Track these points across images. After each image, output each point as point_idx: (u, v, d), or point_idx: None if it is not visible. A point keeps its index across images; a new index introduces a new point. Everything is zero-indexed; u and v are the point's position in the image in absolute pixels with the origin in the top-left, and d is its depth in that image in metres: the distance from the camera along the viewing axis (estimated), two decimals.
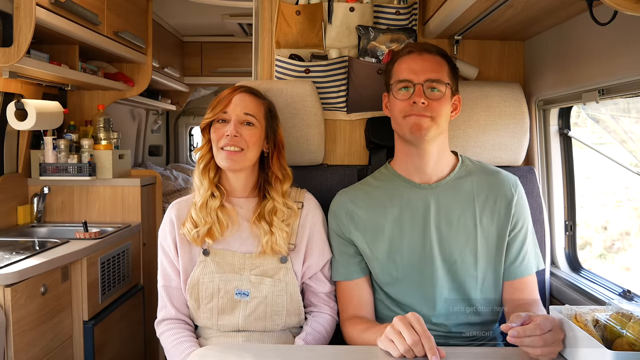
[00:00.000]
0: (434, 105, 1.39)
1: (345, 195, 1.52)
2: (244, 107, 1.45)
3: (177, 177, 4.60)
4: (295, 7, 1.86)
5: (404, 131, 1.42)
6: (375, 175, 1.55)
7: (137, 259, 2.81)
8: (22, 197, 2.68)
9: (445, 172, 1.48)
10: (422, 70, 1.41)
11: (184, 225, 1.46)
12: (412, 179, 1.47)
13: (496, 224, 1.43)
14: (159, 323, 1.50)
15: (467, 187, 1.46)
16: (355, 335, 1.38)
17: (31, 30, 1.95)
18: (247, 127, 1.45)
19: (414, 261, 1.42)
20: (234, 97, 1.46)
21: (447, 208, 1.43)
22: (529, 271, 1.45)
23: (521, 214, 1.46)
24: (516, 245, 1.44)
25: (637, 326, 0.99)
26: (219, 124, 1.45)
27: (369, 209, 1.47)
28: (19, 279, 1.80)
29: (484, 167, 1.52)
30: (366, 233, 1.46)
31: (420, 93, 1.39)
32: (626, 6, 0.88)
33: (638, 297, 1.46)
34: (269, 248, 1.44)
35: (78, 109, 2.98)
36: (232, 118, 1.44)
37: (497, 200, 1.45)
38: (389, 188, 1.49)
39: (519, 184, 1.50)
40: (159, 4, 3.44)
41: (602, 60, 1.42)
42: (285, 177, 1.51)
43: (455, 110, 1.48)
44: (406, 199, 1.45)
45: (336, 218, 1.50)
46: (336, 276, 1.49)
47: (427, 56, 1.43)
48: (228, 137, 1.42)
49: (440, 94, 1.40)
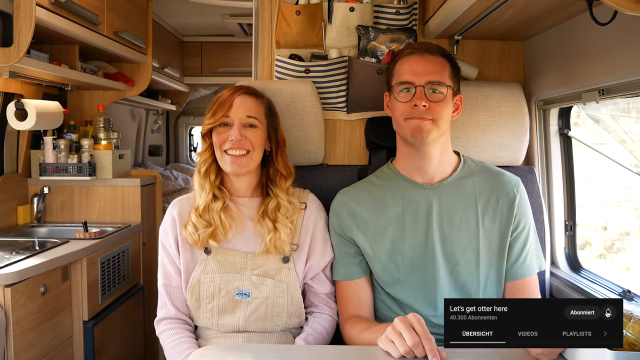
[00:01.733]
0: (435, 108, 1.38)
1: (347, 194, 1.51)
2: (246, 110, 1.44)
3: (177, 177, 4.60)
4: (295, 7, 1.86)
5: (405, 133, 1.42)
6: (377, 174, 1.55)
7: (137, 259, 2.81)
8: (22, 197, 2.68)
9: (448, 173, 1.47)
10: (423, 72, 1.40)
11: (186, 227, 1.46)
12: (415, 179, 1.47)
13: (498, 224, 1.43)
14: (158, 322, 1.50)
15: (469, 187, 1.46)
16: (355, 335, 1.38)
17: (31, 30, 1.95)
18: (251, 130, 1.44)
19: (416, 261, 1.42)
20: (235, 99, 1.44)
21: (449, 208, 1.43)
22: (530, 271, 1.45)
23: (523, 214, 1.46)
24: (518, 245, 1.44)
25: (637, 326, 0.99)
26: (222, 127, 1.44)
27: (371, 208, 1.47)
28: (19, 279, 1.80)
29: (487, 168, 1.52)
30: (368, 233, 1.46)
31: (421, 96, 1.38)
32: (626, 6, 0.88)
33: (638, 297, 1.46)
34: (272, 246, 1.43)
35: (78, 109, 2.98)
36: (235, 122, 1.43)
37: (499, 200, 1.44)
38: (391, 187, 1.48)
39: (521, 184, 1.50)
40: (159, 4, 3.44)
41: (602, 60, 1.42)
42: (289, 173, 1.51)
43: (457, 111, 1.48)
44: (408, 199, 1.45)
45: (338, 217, 1.50)
46: (336, 276, 1.49)
47: (429, 57, 1.42)
48: (232, 141, 1.41)
49: (441, 95, 1.40)
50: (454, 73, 1.45)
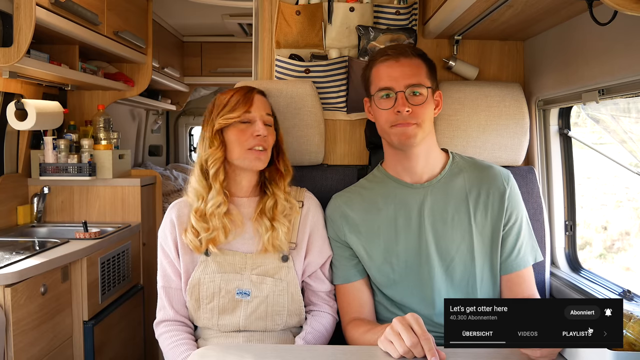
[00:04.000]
0: (417, 111, 1.39)
1: (340, 199, 1.52)
2: (265, 108, 1.48)
3: (177, 177, 4.60)
4: (295, 7, 1.86)
5: (392, 140, 1.42)
6: (368, 178, 1.56)
7: (137, 259, 2.81)
8: (22, 197, 2.68)
9: (436, 171, 1.48)
10: (401, 76, 1.39)
11: (185, 233, 1.45)
12: (404, 180, 1.48)
13: (490, 218, 1.43)
14: (157, 324, 1.50)
15: (459, 184, 1.46)
16: (357, 337, 1.38)
17: (31, 30, 1.95)
18: (268, 128, 1.46)
19: (411, 261, 1.42)
20: (255, 97, 1.46)
21: (440, 206, 1.43)
22: (525, 264, 1.44)
23: (515, 207, 1.45)
24: (511, 238, 1.44)
25: (637, 326, 0.99)
26: (243, 124, 1.44)
27: (363, 211, 1.48)
28: (19, 279, 1.80)
29: (475, 163, 1.52)
30: (361, 235, 1.46)
31: (403, 101, 1.38)
32: (626, 6, 0.88)
33: (638, 297, 1.46)
34: (270, 245, 1.43)
35: (78, 109, 2.98)
36: (258, 118, 1.44)
37: (489, 194, 1.44)
38: (382, 190, 1.49)
39: (511, 177, 1.49)
40: (159, 4, 3.44)
41: (602, 60, 1.42)
42: (287, 172, 1.52)
43: (437, 107, 1.47)
44: (400, 200, 1.46)
45: (331, 221, 1.51)
46: (335, 280, 1.50)
47: (404, 60, 1.41)
48: (259, 137, 1.42)
49: (422, 98, 1.39)
50: (430, 72, 1.44)
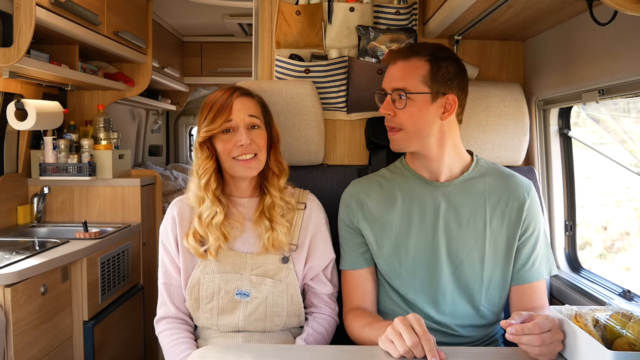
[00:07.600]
0: (399, 116, 1.38)
1: (358, 185, 1.50)
2: (247, 110, 1.41)
3: (177, 177, 4.60)
4: (295, 7, 1.86)
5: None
6: (390, 168, 1.54)
7: (137, 259, 2.81)
8: (22, 197, 2.68)
9: (457, 172, 1.46)
10: (391, 78, 1.40)
11: (187, 238, 1.44)
12: (423, 175, 1.46)
13: (506, 226, 1.41)
14: (158, 321, 1.50)
15: (479, 187, 1.44)
16: (357, 329, 1.38)
17: (31, 30, 1.95)
18: (254, 131, 1.42)
19: (419, 258, 1.41)
20: (234, 102, 1.40)
21: (457, 207, 1.42)
22: (538, 276, 1.43)
23: (533, 218, 1.43)
24: (526, 250, 1.42)
25: (637, 326, 0.99)
26: (225, 134, 1.40)
27: (379, 201, 1.46)
28: (19, 279, 1.80)
29: (498, 170, 1.50)
30: (374, 225, 1.45)
31: (385, 104, 1.40)
32: (626, 6, 0.88)
33: (638, 297, 1.46)
34: (270, 245, 1.43)
35: (78, 109, 2.98)
36: (240, 125, 1.39)
37: (508, 203, 1.43)
38: (401, 182, 1.47)
39: (533, 188, 1.47)
40: (159, 4, 3.44)
41: (602, 61, 1.42)
42: (282, 171, 1.49)
43: (447, 112, 1.38)
44: (417, 195, 1.44)
45: (346, 207, 1.49)
46: (342, 265, 1.49)
47: (400, 63, 1.39)
48: (242, 147, 1.38)
49: (403, 102, 1.36)
50: (433, 75, 1.36)
